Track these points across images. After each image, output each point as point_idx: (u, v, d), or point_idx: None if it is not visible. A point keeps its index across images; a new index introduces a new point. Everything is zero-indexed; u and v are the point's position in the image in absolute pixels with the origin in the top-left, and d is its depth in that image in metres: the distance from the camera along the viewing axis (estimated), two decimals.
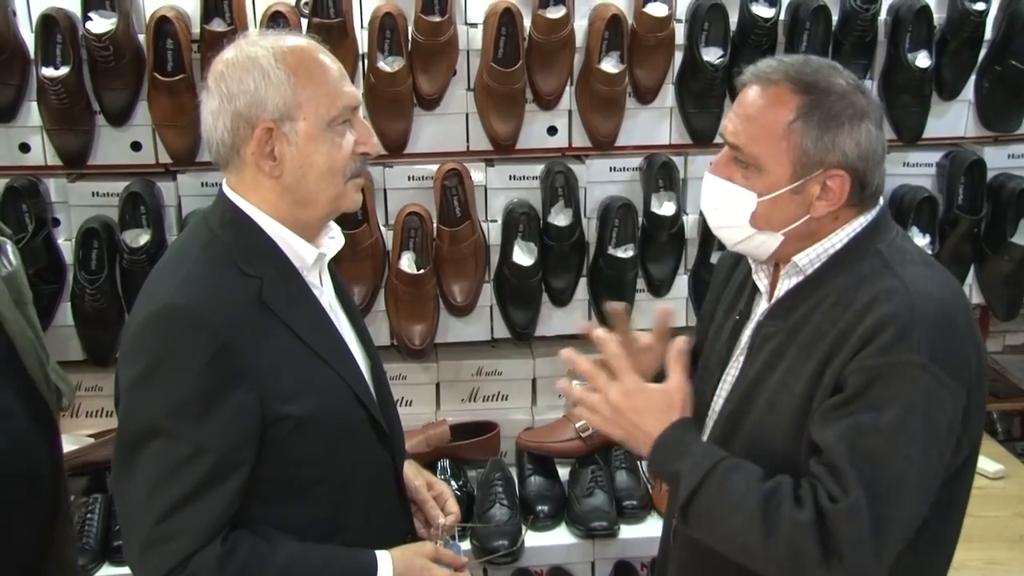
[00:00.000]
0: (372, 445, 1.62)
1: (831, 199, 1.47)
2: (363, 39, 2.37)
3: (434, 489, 1.80)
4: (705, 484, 1.42)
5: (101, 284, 2.36)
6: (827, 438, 1.39)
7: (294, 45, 1.51)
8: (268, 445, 1.47)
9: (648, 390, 1.52)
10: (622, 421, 1.51)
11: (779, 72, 1.48)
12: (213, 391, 1.42)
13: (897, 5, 2.49)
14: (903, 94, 2.51)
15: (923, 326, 1.37)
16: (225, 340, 1.42)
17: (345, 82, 1.55)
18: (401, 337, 2.49)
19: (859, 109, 1.46)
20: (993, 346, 3.14)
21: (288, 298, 1.52)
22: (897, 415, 1.35)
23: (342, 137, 1.52)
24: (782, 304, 1.54)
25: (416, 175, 2.50)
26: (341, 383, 1.55)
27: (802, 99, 1.45)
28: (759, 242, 1.52)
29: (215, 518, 1.42)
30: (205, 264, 1.50)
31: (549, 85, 2.42)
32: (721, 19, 2.42)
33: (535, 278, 2.49)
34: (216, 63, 1.52)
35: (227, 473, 1.43)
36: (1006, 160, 2.65)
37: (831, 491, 1.35)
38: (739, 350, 1.61)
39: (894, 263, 1.46)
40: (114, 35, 2.24)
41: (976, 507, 1.58)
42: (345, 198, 1.56)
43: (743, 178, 1.50)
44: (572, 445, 2.46)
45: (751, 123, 1.48)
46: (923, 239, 2.56)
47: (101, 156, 2.42)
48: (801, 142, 1.44)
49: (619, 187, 2.56)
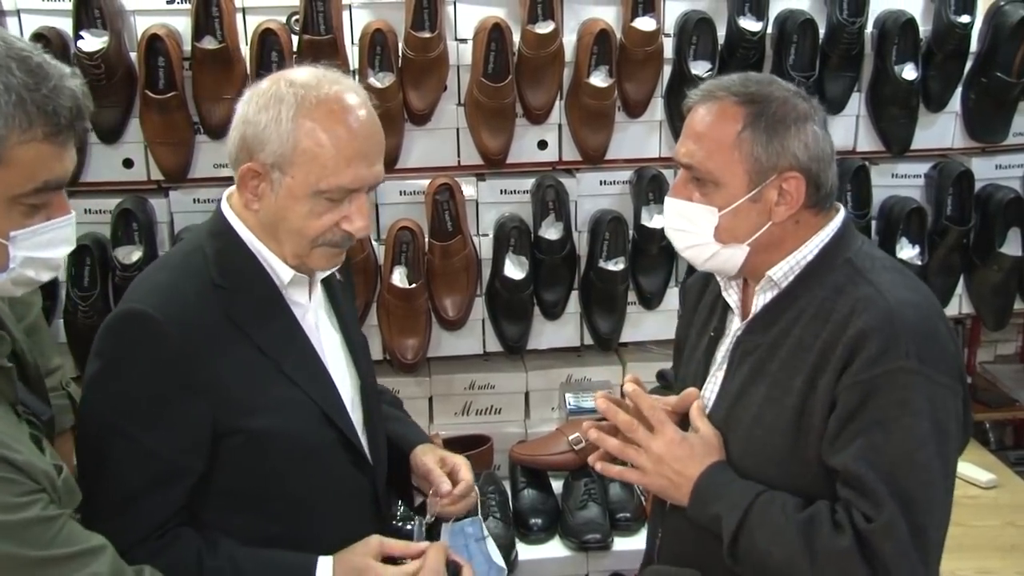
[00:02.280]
0: (344, 467, 1.61)
1: (789, 202, 1.50)
2: (354, 55, 2.39)
3: (447, 463, 1.75)
4: (746, 523, 1.45)
5: (94, 301, 2.36)
6: (844, 461, 1.40)
7: (329, 100, 1.46)
8: (223, 455, 1.49)
9: (689, 439, 1.54)
10: (665, 471, 1.52)
11: (721, 88, 1.53)
12: (162, 397, 1.45)
13: (883, 18, 2.51)
14: (890, 106, 2.53)
15: (907, 332, 1.40)
16: (180, 349, 1.45)
17: (361, 163, 1.48)
18: (393, 351, 2.50)
19: (802, 112, 1.50)
20: (984, 356, 3.14)
21: (257, 313, 1.53)
22: (906, 424, 1.38)
23: (323, 210, 1.49)
24: (760, 319, 1.56)
25: (407, 190, 2.51)
26: (308, 401, 1.55)
27: (747, 109, 1.49)
28: (726, 256, 1.54)
29: (153, 520, 1.46)
30: (180, 273, 1.53)
31: (539, 99, 2.44)
32: (709, 33, 2.44)
33: (527, 292, 2.50)
34: (265, 80, 1.52)
35: (170, 478, 1.47)
36: (993, 170, 2.67)
37: (865, 511, 1.38)
38: (715, 366, 1.62)
39: (867, 271, 1.49)
40: (106, 53, 2.25)
41: (968, 516, 1.59)
42: (310, 261, 1.54)
43: (701, 195, 1.53)
44: (565, 458, 2.46)
45: (701, 140, 1.51)
46: (912, 250, 2.58)
47: (93, 173, 2.43)
48: (752, 150, 1.48)
49: (609, 200, 2.58)
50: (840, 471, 1.41)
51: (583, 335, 2.63)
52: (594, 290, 2.54)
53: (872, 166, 2.61)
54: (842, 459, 1.40)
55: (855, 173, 2.55)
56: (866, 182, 2.57)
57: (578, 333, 2.63)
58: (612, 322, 2.56)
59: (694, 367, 1.67)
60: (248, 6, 2.39)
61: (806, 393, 1.46)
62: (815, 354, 1.45)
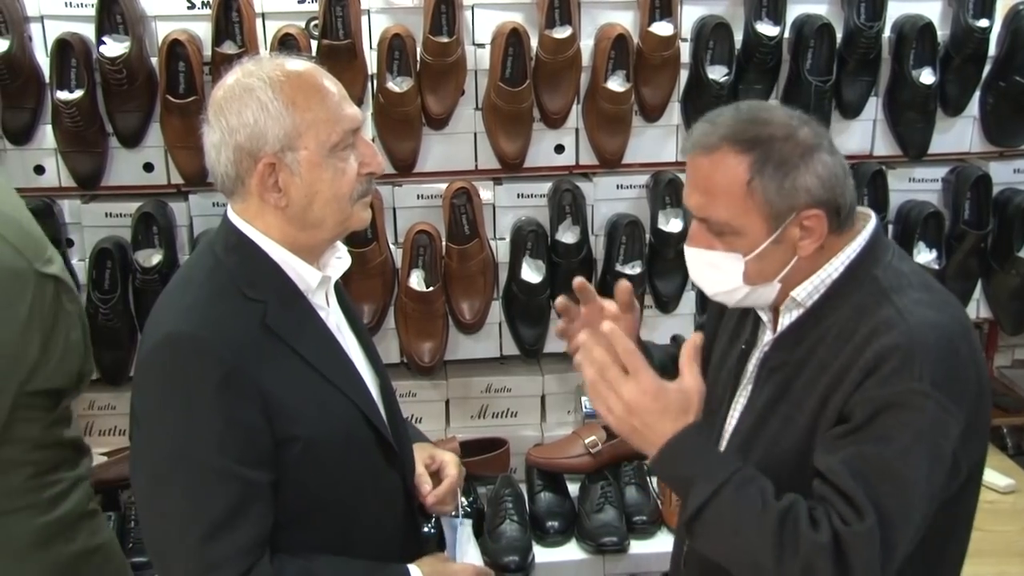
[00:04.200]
0: (382, 466, 1.61)
1: (814, 236, 1.46)
2: (372, 60, 2.40)
3: (435, 462, 1.77)
4: (721, 493, 1.38)
5: (114, 304, 2.39)
6: (832, 464, 1.38)
7: (290, 72, 1.49)
8: (279, 468, 1.47)
9: (666, 390, 1.43)
10: (634, 420, 1.42)
11: (715, 136, 1.45)
12: (226, 415, 1.42)
13: (901, 22, 2.51)
14: (908, 110, 2.53)
15: (923, 355, 1.37)
16: (231, 364, 1.42)
17: (345, 104, 1.52)
18: (411, 354, 2.51)
19: (806, 145, 1.43)
20: (1001, 360, 3.13)
21: (292, 321, 1.52)
22: (905, 444, 1.35)
23: (345, 162, 1.51)
24: (786, 337, 1.53)
25: (425, 194, 2.52)
26: (349, 404, 1.55)
27: (750, 156, 1.43)
28: (759, 294, 1.52)
29: (255, 536, 1.43)
30: (209, 290, 1.50)
31: (556, 104, 2.45)
32: (726, 37, 2.45)
33: (543, 295, 2.51)
34: (215, 93, 1.51)
35: (255, 493, 1.43)
36: (1011, 175, 2.66)
37: (843, 515, 1.35)
38: (746, 378, 1.61)
39: (892, 290, 1.44)
40: (127, 58, 2.27)
41: (987, 521, 1.58)
42: (353, 219, 1.56)
43: (723, 244, 1.48)
44: (582, 461, 2.46)
45: (710, 195, 1.46)
46: (930, 254, 2.57)
47: (114, 177, 2.45)
48: (765, 197, 1.43)
49: (626, 204, 2.58)
50: (824, 471, 1.39)
51: None
52: (611, 294, 2.54)
53: (889, 170, 2.60)
54: (830, 461, 1.38)
55: (872, 178, 2.55)
56: (883, 186, 2.56)
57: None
58: None
59: (723, 377, 1.65)
60: (268, 11, 2.40)
61: (817, 413, 1.44)
62: (831, 375, 1.43)
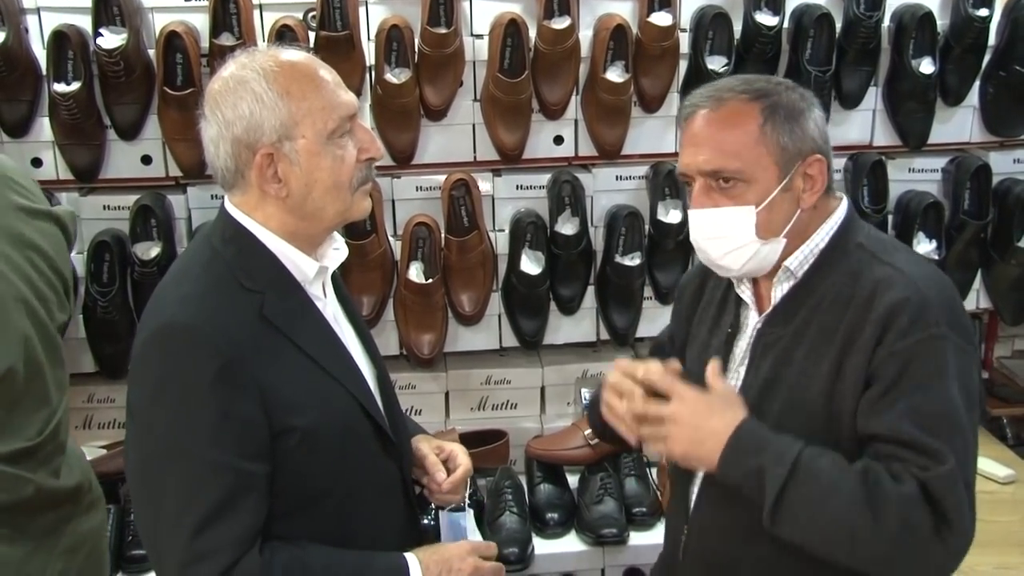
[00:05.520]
0: (379, 456, 1.61)
1: (815, 186, 1.52)
2: (370, 51, 2.39)
3: (444, 451, 1.77)
4: (796, 473, 1.40)
5: (113, 297, 2.38)
6: (889, 422, 1.40)
7: (284, 62, 1.49)
8: (276, 458, 1.47)
9: (707, 394, 1.49)
10: (686, 431, 1.46)
11: (723, 90, 1.53)
12: (222, 407, 1.42)
13: (900, 12, 2.51)
14: (908, 100, 2.53)
15: (932, 302, 1.44)
16: (228, 355, 1.42)
17: (341, 91, 1.52)
18: (410, 346, 2.51)
19: (807, 98, 1.54)
20: (1001, 351, 3.12)
21: (290, 312, 1.51)
22: (943, 387, 1.41)
23: (344, 149, 1.50)
24: (780, 310, 1.56)
25: (424, 185, 2.51)
26: (346, 395, 1.55)
27: (761, 103, 1.50)
28: (766, 252, 1.53)
29: (248, 528, 1.43)
30: (206, 281, 1.49)
31: (555, 95, 2.44)
32: (725, 28, 2.44)
33: (543, 287, 2.51)
34: (211, 87, 1.51)
35: (249, 484, 1.43)
36: (1011, 165, 2.66)
37: (920, 464, 1.38)
38: (736, 362, 1.61)
39: (880, 253, 1.52)
40: (124, 50, 2.27)
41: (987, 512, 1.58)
42: (354, 208, 1.55)
43: (730, 199, 1.51)
44: (581, 452, 2.46)
45: (721, 144, 1.50)
46: (929, 244, 2.57)
47: (112, 170, 2.45)
48: (778, 140, 1.49)
49: (625, 195, 2.58)
50: (883, 433, 1.41)
51: (599, 330, 2.64)
52: (610, 285, 2.55)
53: (889, 160, 2.60)
54: (885, 422, 1.41)
55: (872, 167, 2.54)
56: (883, 177, 2.56)
57: (594, 328, 2.63)
58: (628, 317, 2.57)
59: None
60: (265, 2, 2.40)
61: (833, 378, 1.47)
62: (840, 339, 1.46)
